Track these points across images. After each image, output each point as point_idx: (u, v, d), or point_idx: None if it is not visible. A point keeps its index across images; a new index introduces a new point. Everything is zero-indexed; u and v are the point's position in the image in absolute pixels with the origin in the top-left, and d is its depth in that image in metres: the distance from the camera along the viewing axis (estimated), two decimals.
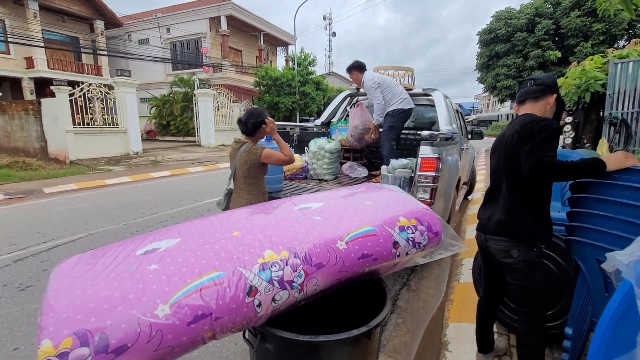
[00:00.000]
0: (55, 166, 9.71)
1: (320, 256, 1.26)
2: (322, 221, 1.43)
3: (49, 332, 0.90)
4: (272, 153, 2.15)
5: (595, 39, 14.11)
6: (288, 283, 1.17)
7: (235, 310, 1.08)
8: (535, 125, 1.41)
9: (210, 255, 1.17)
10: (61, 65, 17.12)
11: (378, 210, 1.56)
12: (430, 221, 1.58)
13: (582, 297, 1.52)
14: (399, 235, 1.45)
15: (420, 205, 1.70)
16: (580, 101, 6.74)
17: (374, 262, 1.38)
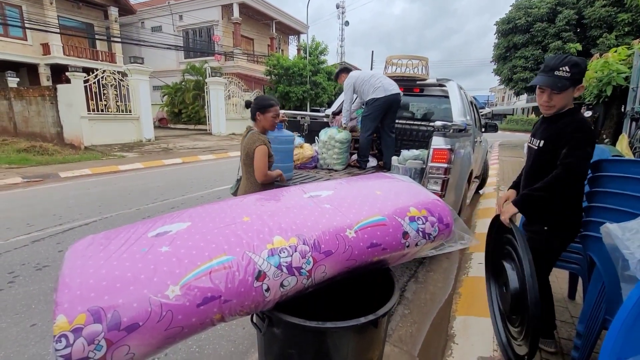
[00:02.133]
0: (70, 151, 9.93)
1: (329, 244, 1.26)
2: (332, 209, 1.42)
3: (63, 308, 0.92)
4: (259, 157, 2.08)
5: (620, 30, 13.50)
6: (296, 269, 1.18)
7: (243, 294, 1.09)
8: None
9: (220, 240, 1.18)
10: (76, 52, 17.33)
11: (388, 199, 1.54)
12: (441, 212, 1.56)
13: (596, 294, 1.49)
14: (409, 225, 1.44)
15: (431, 196, 1.67)
16: (602, 95, 6.50)
17: (383, 251, 1.38)
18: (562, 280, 2.51)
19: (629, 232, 0.84)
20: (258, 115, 2.15)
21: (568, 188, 1.42)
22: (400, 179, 1.88)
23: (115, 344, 0.91)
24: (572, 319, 2.14)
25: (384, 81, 3.57)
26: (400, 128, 4.30)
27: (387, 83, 3.55)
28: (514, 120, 33.88)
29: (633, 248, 0.79)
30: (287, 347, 1.30)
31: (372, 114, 3.58)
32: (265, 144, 2.10)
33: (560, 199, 1.47)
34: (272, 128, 2.25)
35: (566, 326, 2.08)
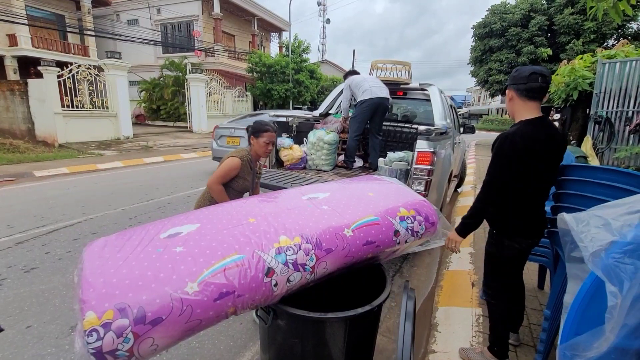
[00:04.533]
0: (43, 149, 9.53)
1: (330, 242, 1.39)
2: (330, 210, 1.55)
3: (91, 305, 1.00)
4: (224, 165, 2.02)
5: (586, 37, 14.37)
6: (301, 266, 1.30)
7: (255, 289, 1.20)
8: None
9: (230, 240, 1.28)
10: (46, 44, 16.51)
11: (380, 200, 1.69)
12: (427, 212, 1.72)
13: (560, 282, 1.69)
14: (399, 224, 1.58)
15: (418, 197, 1.83)
16: (569, 99, 6.96)
17: (377, 248, 1.51)
18: (532, 272, 2.75)
19: (581, 224, 1.00)
20: (252, 140, 2.12)
21: (495, 199, 1.60)
22: (389, 181, 2.03)
23: (141, 336, 1.01)
24: (541, 306, 2.37)
25: (373, 85, 3.72)
26: (385, 130, 4.47)
27: (376, 87, 3.71)
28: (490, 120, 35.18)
29: (587, 242, 0.95)
30: (290, 337, 1.41)
31: (358, 116, 3.72)
32: (240, 159, 2.03)
33: (495, 209, 1.66)
34: (264, 155, 2.17)
35: (536, 313, 2.30)
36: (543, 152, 1.51)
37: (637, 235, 0.86)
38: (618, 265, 0.90)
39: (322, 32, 34.13)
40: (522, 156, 1.48)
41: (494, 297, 1.77)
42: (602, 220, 0.95)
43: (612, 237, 0.90)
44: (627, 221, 0.90)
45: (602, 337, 0.85)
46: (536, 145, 1.48)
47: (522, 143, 1.47)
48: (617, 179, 1.44)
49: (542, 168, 1.53)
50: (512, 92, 1.57)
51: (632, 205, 0.96)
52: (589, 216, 1.01)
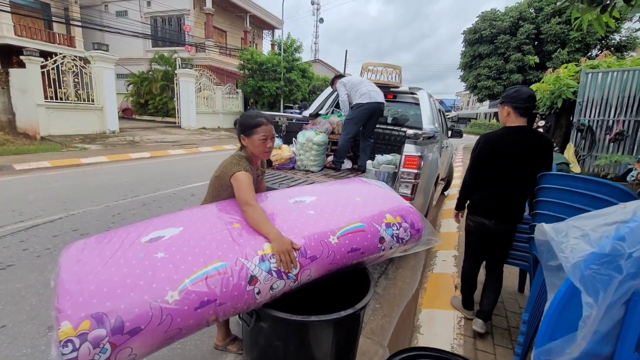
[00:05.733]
0: (24, 141, 9.23)
1: (315, 249, 1.38)
2: (316, 216, 1.54)
3: (67, 315, 0.97)
4: (242, 184, 1.52)
5: (572, 47, 14.79)
6: (285, 274, 1.29)
7: (237, 297, 1.19)
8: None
9: (213, 246, 1.27)
10: (30, 33, 15.97)
11: (367, 206, 1.69)
12: (413, 219, 1.74)
13: (539, 287, 1.74)
14: (385, 231, 1.59)
15: (404, 203, 1.85)
16: (553, 106, 7.14)
17: (362, 255, 1.52)
18: (513, 276, 2.81)
19: (560, 235, 1.03)
20: (243, 140, 1.68)
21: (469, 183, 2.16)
22: (376, 184, 2.04)
23: (119, 346, 0.98)
24: (520, 309, 2.43)
25: (371, 89, 3.76)
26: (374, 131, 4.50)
27: (374, 92, 3.75)
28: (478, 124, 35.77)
29: (567, 252, 0.98)
30: (273, 339, 1.41)
31: (355, 118, 3.74)
32: (245, 170, 1.57)
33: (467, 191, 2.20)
34: (264, 156, 1.73)
35: (515, 316, 2.36)
36: (519, 155, 1.88)
37: (614, 248, 0.89)
38: (595, 276, 0.93)
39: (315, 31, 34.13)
40: (488, 150, 1.96)
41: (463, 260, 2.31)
42: (580, 231, 0.98)
43: (591, 249, 0.93)
44: (605, 232, 0.93)
45: (574, 343, 0.88)
46: (506, 143, 1.90)
47: (490, 142, 1.96)
48: (593, 189, 1.49)
49: (508, 168, 1.91)
50: (511, 109, 1.90)
51: (609, 216, 0.99)
52: (568, 227, 1.04)
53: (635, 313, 0.89)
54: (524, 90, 1.87)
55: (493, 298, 2.16)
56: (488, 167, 2.00)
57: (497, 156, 1.94)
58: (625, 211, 0.96)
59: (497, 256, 2.16)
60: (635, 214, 0.92)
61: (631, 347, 0.94)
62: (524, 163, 1.88)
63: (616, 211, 1.03)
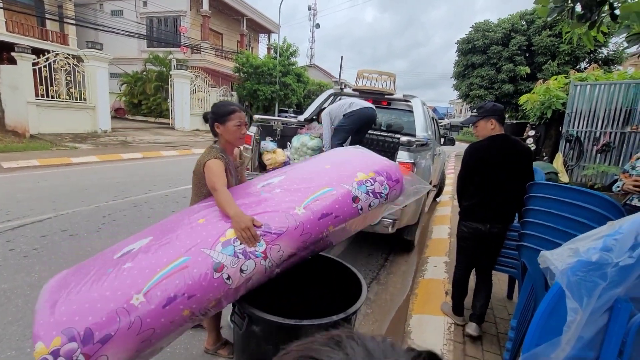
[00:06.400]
0: (13, 139, 9.07)
1: (279, 224, 1.36)
2: (282, 192, 1.52)
3: (40, 336, 1.01)
4: (211, 170, 1.55)
5: (562, 59, 15.17)
6: (251, 253, 1.28)
7: (206, 287, 1.20)
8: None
9: (177, 244, 1.28)
10: (22, 29, 15.74)
11: (337, 171, 1.63)
12: (389, 170, 1.67)
13: (527, 294, 1.77)
14: (357, 189, 1.53)
15: (380, 158, 1.77)
16: (543, 117, 7.30)
17: (337, 219, 1.47)
18: (502, 283, 2.86)
19: (556, 255, 1.07)
20: (217, 128, 1.68)
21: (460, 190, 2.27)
22: (352, 149, 1.98)
23: (92, 356, 1.01)
24: (509, 316, 2.47)
25: (356, 100, 3.82)
26: (368, 138, 4.55)
27: (361, 101, 3.80)
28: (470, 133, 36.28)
29: (557, 263, 1.01)
30: (264, 343, 1.40)
31: (347, 125, 3.76)
32: (216, 159, 1.59)
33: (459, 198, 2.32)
34: (239, 142, 1.76)
35: (504, 322, 2.39)
36: (502, 162, 2.03)
37: (601, 257, 0.93)
38: (580, 282, 0.97)
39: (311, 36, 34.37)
40: (477, 159, 2.11)
41: (455, 266, 2.36)
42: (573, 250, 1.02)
43: (578, 258, 0.97)
44: (592, 245, 0.97)
45: (558, 348, 0.91)
46: (492, 151, 2.06)
47: (478, 150, 2.11)
48: (580, 198, 1.53)
49: (495, 174, 2.04)
50: (495, 122, 2.10)
51: (598, 232, 1.03)
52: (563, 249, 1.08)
53: (618, 319, 0.92)
54: (498, 105, 2.16)
55: (485, 301, 2.22)
56: (476, 175, 2.12)
57: (483, 164, 2.08)
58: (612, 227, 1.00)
59: (489, 260, 2.22)
60: (621, 227, 0.96)
61: (614, 353, 0.97)
62: (507, 169, 2.02)
63: (605, 229, 1.07)
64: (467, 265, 2.30)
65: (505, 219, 2.09)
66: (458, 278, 2.31)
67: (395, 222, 2.95)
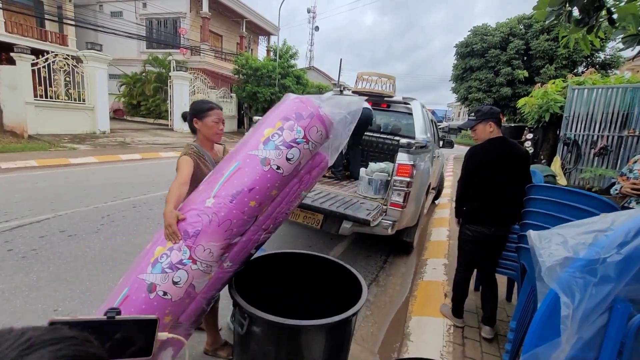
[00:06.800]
0: (11, 139, 9.04)
1: (194, 224, 1.32)
2: (202, 186, 1.44)
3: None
4: (177, 166, 1.64)
5: (559, 63, 15.26)
6: (179, 263, 1.29)
7: (144, 310, 1.23)
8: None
9: (124, 278, 1.34)
10: (21, 30, 15.73)
11: (248, 140, 1.44)
12: (297, 110, 1.42)
13: (526, 295, 1.78)
14: (264, 150, 1.35)
15: (288, 102, 1.49)
16: (541, 120, 7.34)
17: (254, 192, 1.32)
18: (501, 285, 2.85)
19: (544, 241, 1.08)
20: (195, 123, 1.76)
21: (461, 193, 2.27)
22: (288, 99, 1.55)
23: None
24: (508, 318, 2.47)
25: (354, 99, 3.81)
26: (367, 140, 4.56)
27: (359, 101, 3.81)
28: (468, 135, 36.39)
29: (545, 256, 1.02)
30: (265, 344, 1.41)
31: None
32: (186, 155, 1.67)
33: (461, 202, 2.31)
34: (216, 138, 1.80)
35: (503, 324, 2.40)
36: (501, 165, 2.04)
37: (589, 254, 0.94)
38: (569, 279, 0.98)
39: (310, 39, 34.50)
40: (476, 162, 2.12)
41: (456, 269, 2.37)
42: (562, 238, 1.02)
43: (566, 254, 0.97)
44: (582, 240, 0.98)
45: (558, 348, 0.91)
46: (491, 154, 2.07)
47: (478, 154, 2.12)
48: (579, 201, 1.55)
49: (496, 177, 2.06)
50: (494, 125, 2.11)
51: (590, 225, 1.04)
52: (552, 234, 1.08)
53: (617, 319, 0.93)
54: (494, 108, 2.19)
55: (493, 303, 2.25)
56: (476, 178, 2.15)
57: (483, 167, 2.11)
58: (604, 221, 1.00)
59: (492, 262, 2.24)
60: (613, 223, 0.97)
61: (613, 353, 0.98)
62: (506, 172, 2.05)
63: (598, 221, 1.08)
64: (469, 268, 2.31)
65: (507, 221, 2.10)
66: (459, 280, 2.32)
67: (394, 224, 2.96)
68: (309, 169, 1.51)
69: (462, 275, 2.32)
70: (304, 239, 3.92)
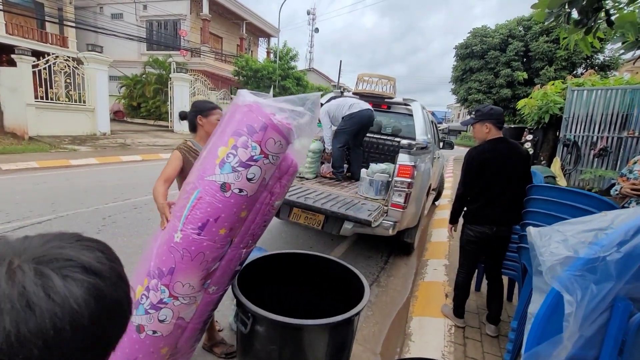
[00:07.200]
0: (12, 141, 9.05)
1: (167, 262, 1.28)
2: (172, 215, 1.37)
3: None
4: (168, 162, 1.74)
5: (559, 65, 15.30)
6: (160, 303, 1.29)
7: (138, 350, 1.27)
8: None
9: None
10: (22, 32, 15.76)
11: (203, 161, 1.32)
12: (247, 122, 1.23)
13: (527, 295, 1.79)
14: (221, 174, 1.23)
15: (234, 110, 1.30)
16: (541, 121, 7.36)
17: (221, 220, 1.24)
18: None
19: (544, 238, 1.09)
20: (200, 120, 1.84)
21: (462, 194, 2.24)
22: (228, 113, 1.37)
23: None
24: (509, 318, 2.48)
25: (357, 100, 3.84)
26: (368, 141, 4.58)
27: (361, 102, 3.83)
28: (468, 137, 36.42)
29: (546, 255, 1.03)
30: (268, 343, 1.41)
31: (348, 128, 3.79)
32: (177, 150, 1.77)
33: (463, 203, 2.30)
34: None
35: (504, 324, 2.40)
36: (502, 165, 2.04)
37: (590, 252, 0.95)
38: (570, 277, 0.99)
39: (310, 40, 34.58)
40: (477, 163, 2.11)
41: (457, 269, 2.36)
42: (562, 236, 1.03)
43: (567, 253, 0.98)
44: (582, 238, 0.99)
45: (560, 345, 0.92)
46: (493, 154, 2.07)
47: (479, 155, 2.11)
48: (580, 201, 1.56)
49: (498, 177, 2.06)
50: (491, 125, 2.11)
51: (590, 224, 1.05)
52: (552, 231, 1.09)
53: (617, 317, 0.94)
54: (496, 108, 2.16)
55: (499, 303, 2.27)
56: (478, 178, 2.14)
57: (484, 167, 2.10)
58: (605, 219, 1.02)
59: (496, 262, 2.25)
60: (613, 222, 0.98)
61: (614, 351, 0.99)
62: (507, 172, 2.06)
63: (597, 219, 1.09)
64: (471, 269, 2.32)
65: (509, 220, 2.10)
66: (461, 281, 2.33)
67: (395, 225, 2.97)
68: (277, 178, 1.42)
69: (464, 276, 2.32)
70: (305, 239, 3.93)
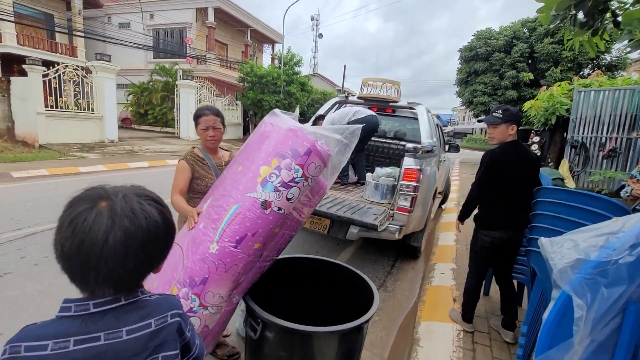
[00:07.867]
0: (22, 149, 9.23)
1: (200, 272, 1.30)
2: (200, 230, 1.40)
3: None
4: (175, 175, 1.80)
5: (564, 66, 15.17)
6: (189, 312, 1.31)
7: None
8: None
9: None
10: (32, 42, 16.14)
11: (243, 175, 1.38)
12: (292, 145, 1.32)
13: (537, 299, 1.77)
14: (263, 192, 1.30)
15: (278, 133, 1.38)
16: (547, 123, 7.29)
17: (258, 235, 1.31)
18: None
19: (556, 246, 1.08)
20: (195, 129, 1.86)
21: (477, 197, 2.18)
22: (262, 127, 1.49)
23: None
24: (519, 323, 2.44)
25: (361, 108, 3.87)
26: (373, 145, 4.58)
27: (364, 109, 3.86)
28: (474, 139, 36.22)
29: (556, 260, 1.02)
30: (277, 350, 1.41)
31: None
32: (183, 159, 1.81)
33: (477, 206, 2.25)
34: (208, 143, 1.85)
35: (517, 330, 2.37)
36: (517, 166, 2.01)
37: (601, 255, 0.94)
38: (581, 280, 0.98)
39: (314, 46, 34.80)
40: (499, 166, 2.03)
41: (468, 274, 2.34)
42: (573, 243, 1.03)
43: (577, 255, 0.98)
44: (593, 242, 0.98)
45: (571, 350, 0.91)
46: (512, 158, 2.03)
47: (502, 157, 2.04)
48: (590, 203, 1.54)
49: (514, 181, 2.02)
50: (516, 127, 2.07)
51: (601, 229, 1.04)
52: (564, 239, 1.08)
53: (630, 321, 0.93)
54: (517, 109, 2.13)
55: (514, 306, 2.25)
56: (496, 182, 2.08)
57: (502, 171, 2.05)
58: (616, 223, 1.01)
59: (507, 266, 2.23)
60: (624, 225, 0.97)
61: (628, 356, 0.97)
62: (523, 174, 2.04)
63: (609, 224, 1.08)
64: (482, 274, 2.30)
65: (523, 225, 2.06)
66: (471, 287, 2.30)
67: (401, 228, 2.96)
68: (308, 198, 1.52)
69: (474, 282, 2.29)
70: (311, 244, 3.92)
